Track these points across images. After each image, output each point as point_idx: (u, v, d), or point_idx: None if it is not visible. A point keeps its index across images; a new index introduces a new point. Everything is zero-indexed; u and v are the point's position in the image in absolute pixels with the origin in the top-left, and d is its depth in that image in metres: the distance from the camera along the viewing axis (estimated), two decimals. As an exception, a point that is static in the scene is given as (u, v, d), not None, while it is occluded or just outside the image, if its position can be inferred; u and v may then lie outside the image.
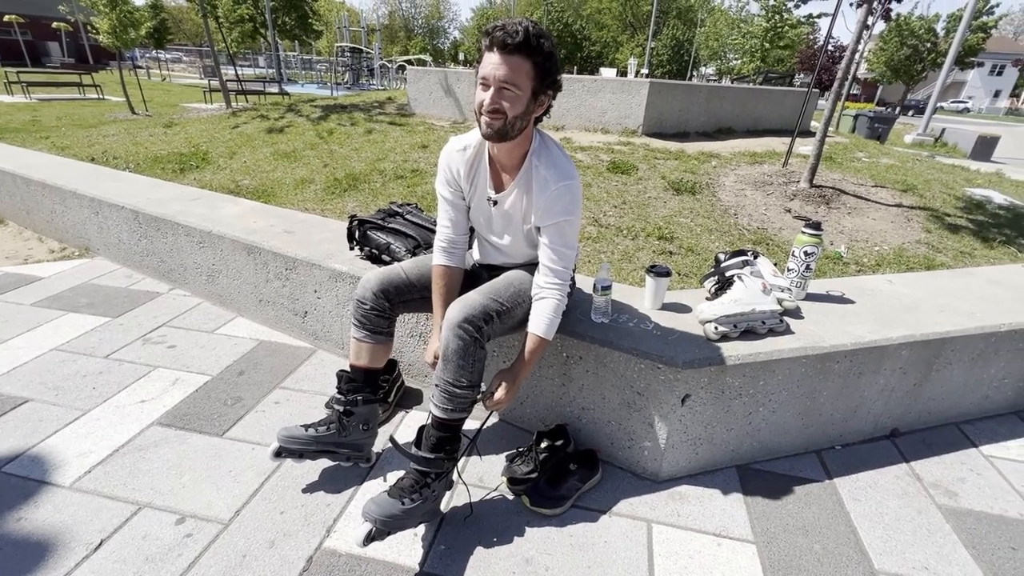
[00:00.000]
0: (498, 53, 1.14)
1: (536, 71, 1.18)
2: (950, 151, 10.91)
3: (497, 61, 1.15)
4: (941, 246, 2.98)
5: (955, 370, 1.77)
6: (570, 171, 1.30)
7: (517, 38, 1.12)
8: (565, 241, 1.32)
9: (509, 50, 1.13)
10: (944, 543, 1.41)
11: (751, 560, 1.33)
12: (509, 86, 1.16)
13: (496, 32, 1.14)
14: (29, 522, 1.36)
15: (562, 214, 1.29)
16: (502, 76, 1.15)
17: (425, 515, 1.30)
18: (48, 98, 12.26)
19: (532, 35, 1.13)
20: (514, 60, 1.15)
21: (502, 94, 1.17)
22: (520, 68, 1.16)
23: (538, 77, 1.19)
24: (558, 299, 1.34)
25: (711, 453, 1.59)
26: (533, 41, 1.14)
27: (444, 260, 1.45)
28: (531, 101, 1.21)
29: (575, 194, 1.29)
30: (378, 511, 1.21)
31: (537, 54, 1.16)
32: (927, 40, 20.20)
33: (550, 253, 1.33)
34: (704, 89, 5.34)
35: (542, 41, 1.16)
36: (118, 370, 2.04)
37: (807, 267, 1.75)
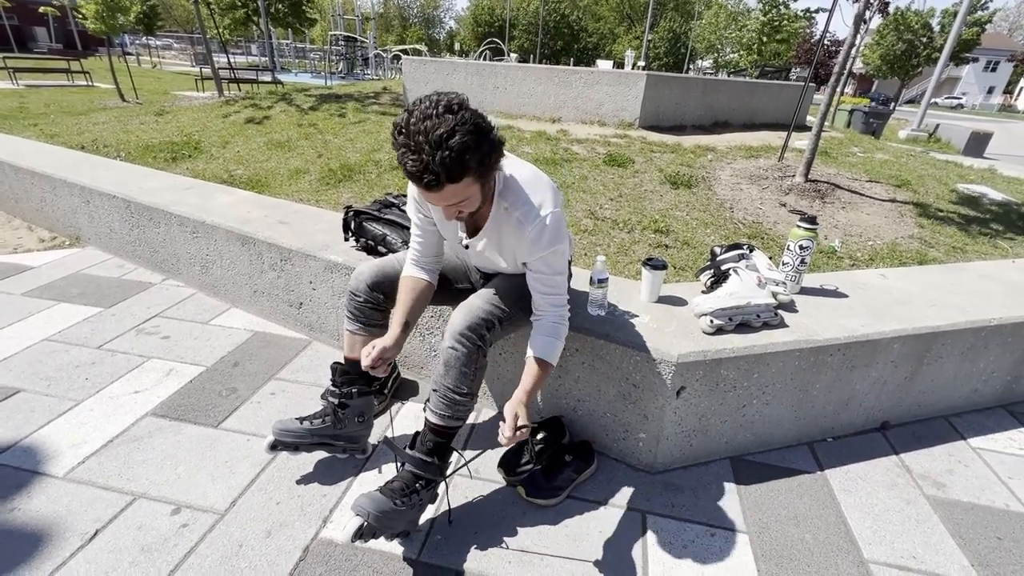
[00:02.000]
0: (427, 191, 1.03)
1: (475, 177, 1.05)
2: (944, 147, 10.98)
3: (433, 197, 1.05)
4: (934, 241, 3.01)
5: (946, 364, 1.80)
6: (542, 203, 1.19)
7: (441, 183, 0.99)
8: (554, 270, 1.26)
9: (441, 188, 1.01)
10: (932, 533, 1.44)
11: (743, 550, 1.35)
12: (457, 203, 1.08)
13: (417, 178, 0.99)
14: (23, 512, 1.36)
15: (545, 248, 1.21)
16: (448, 202, 1.07)
17: (410, 523, 1.27)
18: (36, 84, 12.02)
19: (456, 168, 0.98)
20: (447, 190, 1.02)
21: (454, 209, 1.10)
22: (457, 191, 1.04)
23: (480, 176, 1.06)
24: (558, 318, 1.29)
25: (705, 444, 1.60)
26: (459, 172, 0.99)
27: (414, 272, 1.39)
28: (485, 188, 1.12)
29: (554, 225, 1.19)
30: (372, 506, 1.18)
31: (470, 173, 1.02)
32: (923, 35, 20.21)
33: (541, 285, 1.27)
34: (701, 82, 5.33)
35: (468, 160, 0.99)
36: (111, 361, 2.02)
37: (802, 261, 1.76)
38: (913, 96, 34.10)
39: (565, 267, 1.29)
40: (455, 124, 0.97)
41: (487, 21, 40.20)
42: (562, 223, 1.22)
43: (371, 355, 1.27)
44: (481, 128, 1.01)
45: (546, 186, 1.24)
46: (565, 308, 1.31)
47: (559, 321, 1.29)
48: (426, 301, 1.41)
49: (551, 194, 1.23)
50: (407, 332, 1.36)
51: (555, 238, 1.21)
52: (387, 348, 1.29)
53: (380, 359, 1.28)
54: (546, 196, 1.21)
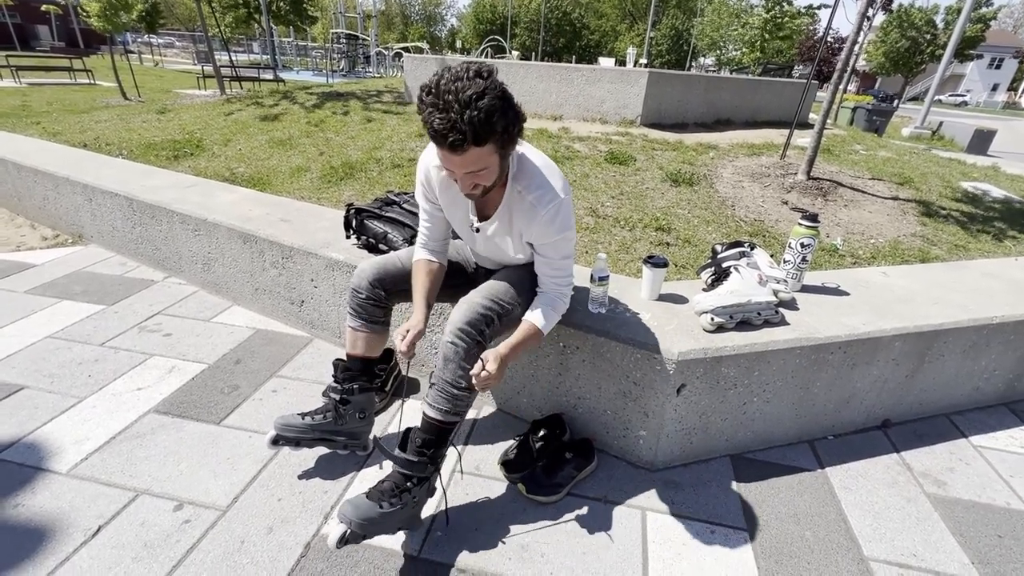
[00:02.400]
0: (450, 152, 1.03)
1: (497, 146, 1.06)
2: (947, 144, 10.92)
3: (456, 159, 1.04)
4: (936, 239, 3.00)
5: (947, 362, 1.79)
6: (555, 187, 1.21)
7: (466, 142, 0.99)
8: (562, 255, 1.30)
9: (464, 150, 1.01)
10: (932, 531, 1.44)
11: (743, 547, 1.35)
12: (477, 171, 1.08)
13: (443, 136, 0.99)
14: (27, 508, 1.37)
15: (556, 233, 1.24)
16: (466, 169, 1.07)
17: (403, 521, 1.26)
18: (38, 82, 12.04)
19: (482, 129, 0.98)
20: (471, 153, 1.02)
21: (471, 176, 1.10)
22: (480, 155, 1.04)
23: (502, 147, 1.07)
24: (559, 295, 1.34)
25: (705, 442, 1.60)
26: (485, 134, 1.00)
27: (425, 256, 1.43)
28: (501, 163, 1.12)
29: (565, 211, 1.22)
30: (354, 513, 1.16)
31: (494, 138, 1.02)
32: (927, 32, 20.13)
33: (548, 268, 1.32)
34: (703, 80, 5.31)
35: (494, 123, 1.00)
36: (114, 358, 2.03)
37: (803, 259, 1.76)
38: (917, 93, 33.96)
39: (572, 252, 1.33)
40: (485, 87, 0.98)
41: (489, 19, 40.10)
42: (571, 210, 1.26)
43: (407, 339, 1.31)
44: (508, 96, 1.04)
45: (557, 174, 1.26)
46: (568, 287, 1.35)
47: (559, 297, 1.34)
48: (439, 282, 1.45)
49: (561, 182, 1.25)
50: (429, 311, 1.41)
51: (566, 223, 1.25)
52: (421, 331, 1.33)
53: (414, 342, 1.32)
54: (558, 182, 1.24)
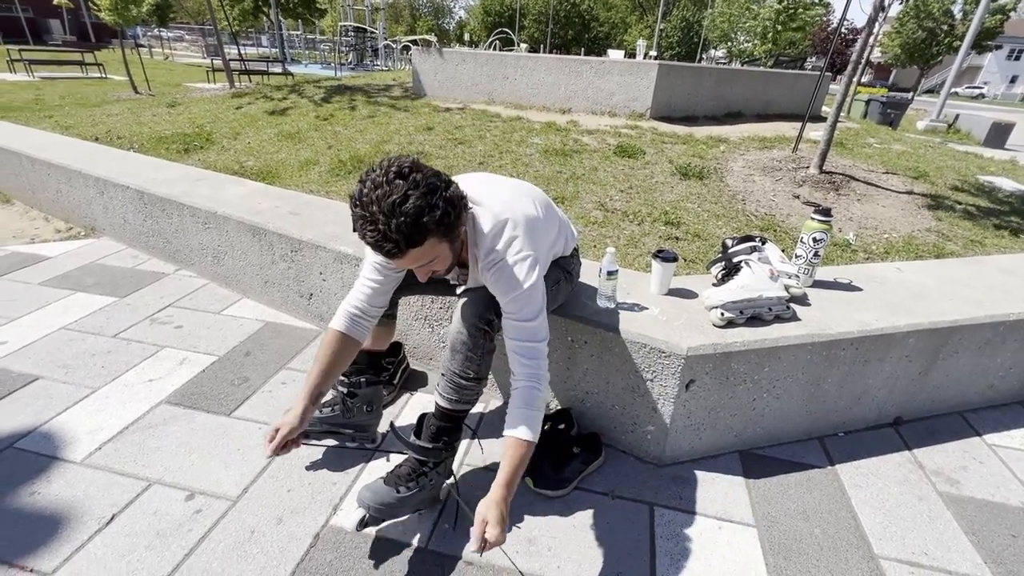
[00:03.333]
0: (392, 259, 1.02)
1: (438, 237, 1.01)
2: (963, 138, 10.72)
3: (400, 263, 1.04)
4: (951, 234, 2.95)
5: (961, 359, 1.77)
6: (506, 248, 1.13)
7: (401, 249, 0.97)
8: (521, 315, 1.16)
9: (403, 254, 0.99)
10: (945, 530, 1.42)
11: (752, 543, 1.34)
12: (427, 264, 1.07)
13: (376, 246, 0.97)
14: (42, 496, 1.39)
15: (504, 295, 1.16)
16: (416, 264, 1.06)
17: (421, 503, 1.30)
18: (51, 76, 12.17)
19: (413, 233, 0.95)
20: (411, 255, 1.00)
21: (426, 271, 1.08)
22: (423, 252, 1.01)
23: (446, 236, 1.03)
24: (534, 382, 1.16)
25: (714, 438, 1.59)
26: (418, 236, 0.97)
27: (345, 327, 1.30)
28: (454, 244, 1.09)
29: (511, 273, 1.13)
30: (372, 498, 1.21)
31: (430, 234, 0.98)
32: (944, 22, 19.69)
33: (512, 330, 1.18)
34: (714, 72, 5.24)
35: (425, 222, 0.95)
36: (126, 349, 2.06)
37: (815, 254, 1.74)
38: (932, 86, 33.32)
39: (534, 314, 1.16)
40: (407, 188, 0.95)
41: (497, 11, 39.80)
42: (523, 267, 1.13)
43: (276, 439, 1.21)
44: (435, 188, 0.98)
45: (521, 223, 1.16)
46: (540, 367, 1.18)
47: (535, 385, 1.16)
48: (344, 365, 1.34)
49: (523, 231, 1.15)
50: (317, 403, 1.30)
51: (509, 284, 1.13)
52: (293, 428, 1.23)
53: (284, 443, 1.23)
54: (516, 236, 1.14)
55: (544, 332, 1.19)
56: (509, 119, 4.58)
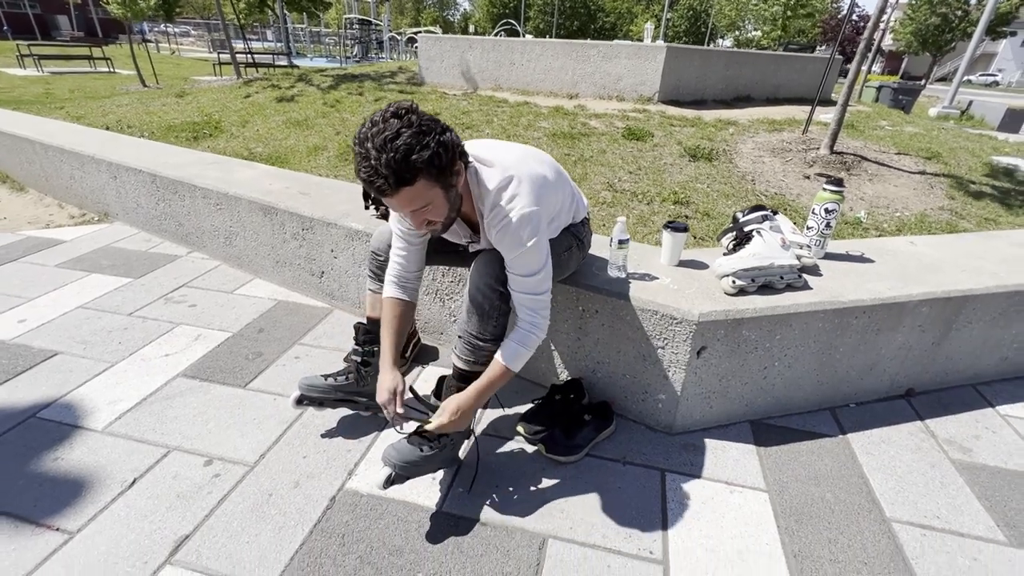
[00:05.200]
0: (386, 197, 1.03)
1: (433, 179, 1.03)
2: (977, 124, 10.54)
3: (393, 203, 1.06)
4: (965, 212, 2.91)
5: (975, 329, 1.75)
6: (510, 204, 1.15)
7: (391, 186, 0.99)
8: (525, 270, 1.20)
9: (394, 193, 1.01)
10: (957, 495, 1.42)
11: (763, 506, 1.35)
12: (420, 208, 1.07)
13: (369, 184, 1.00)
14: (65, 462, 1.42)
15: (510, 251, 1.19)
16: (408, 208, 1.06)
17: (443, 462, 1.33)
18: (60, 71, 12.28)
19: (403, 169, 0.98)
20: (403, 193, 1.02)
21: (419, 214, 1.08)
22: (415, 194, 1.03)
23: (439, 180, 1.05)
24: (532, 326, 1.23)
25: (725, 407, 1.60)
26: (408, 173, 0.98)
27: (396, 294, 1.39)
28: (449, 192, 1.09)
29: (515, 229, 1.15)
30: (397, 456, 1.23)
31: (421, 174, 1.00)
32: (958, 8, 19.33)
33: (514, 281, 1.23)
34: (723, 55, 5.19)
35: (414, 160, 0.98)
36: (142, 326, 2.09)
37: (827, 224, 1.73)
38: (945, 73, 32.73)
39: (540, 266, 1.21)
40: (400, 127, 0.98)
41: (502, 2, 39.52)
42: (524, 226, 1.15)
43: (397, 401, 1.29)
44: (428, 129, 1.01)
45: (525, 180, 1.18)
46: (540, 316, 1.24)
47: (531, 330, 1.24)
48: (409, 324, 1.44)
49: (527, 191, 1.16)
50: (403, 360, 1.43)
51: (515, 242, 1.16)
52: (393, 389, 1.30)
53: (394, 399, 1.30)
54: (519, 191, 1.16)
55: (547, 285, 1.25)
56: (516, 104, 4.57)
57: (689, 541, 1.25)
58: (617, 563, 1.19)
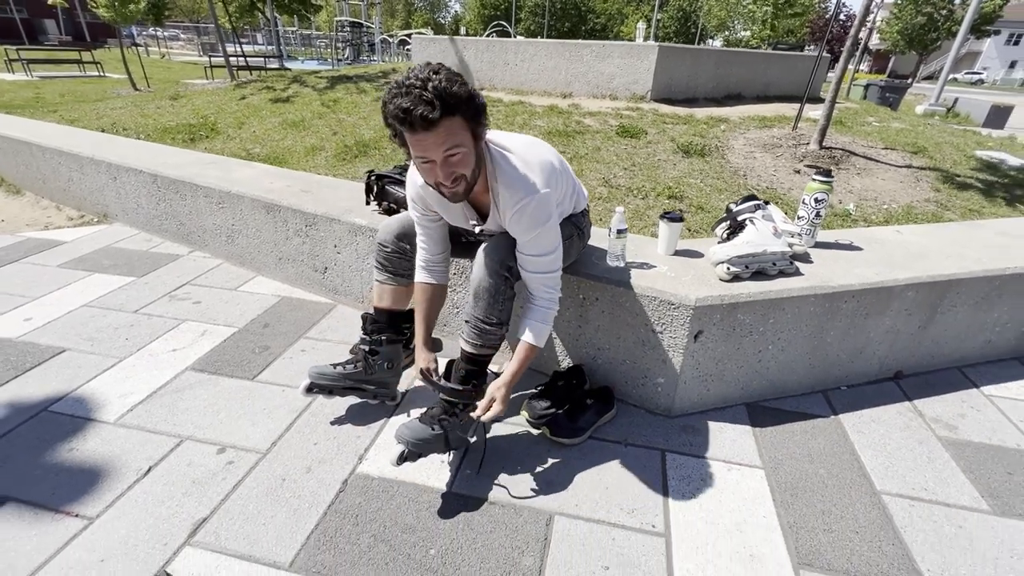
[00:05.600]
0: (424, 131, 1.06)
1: (467, 120, 1.10)
2: (962, 121, 10.73)
3: (430, 138, 1.07)
4: (950, 204, 3.00)
5: (959, 313, 1.82)
6: (525, 188, 1.21)
7: (436, 111, 1.03)
8: (540, 251, 1.28)
9: (435, 122, 1.05)
10: (943, 469, 1.48)
11: (760, 482, 1.41)
12: (453, 149, 1.10)
13: (412, 113, 1.03)
14: (80, 452, 1.45)
15: (528, 231, 1.25)
16: (444, 147, 1.08)
17: (453, 442, 1.37)
18: (49, 75, 12.18)
19: (447, 95, 1.04)
20: (443, 126, 1.06)
21: (450, 162, 1.11)
22: (452, 128, 1.08)
23: (472, 122, 1.11)
24: (548, 302, 1.33)
25: (721, 390, 1.66)
26: (451, 100, 1.05)
27: (425, 278, 1.48)
28: (475, 146, 1.15)
29: (535, 209, 1.22)
30: (410, 434, 1.29)
31: (460, 105, 1.07)
32: (942, 7, 19.64)
33: (528, 262, 1.29)
34: (713, 54, 5.27)
35: (457, 91, 1.06)
36: (148, 323, 2.12)
37: (817, 214, 1.79)
38: (931, 72, 33.22)
39: (555, 245, 1.30)
40: (439, 68, 1.08)
41: (493, 4, 39.62)
42: (544, 206, 1.22)
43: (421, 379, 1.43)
44: (461, 78, 1.10)
45: (536, 165, 1.24)
46: (556, 291, 1.34)
47: (549, 306, 1.33)
48: (441, 304, 1.54)
49: (539, 173, 1.23)
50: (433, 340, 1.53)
51: (535, 220, 1.23)
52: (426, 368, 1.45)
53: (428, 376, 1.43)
54: (532, 177, 1.22)
55: (560, 263, 1.33)
56: (511, 104, 4.62)
57: (690, 515, 1.30)
58: (621, 536, 1.24)
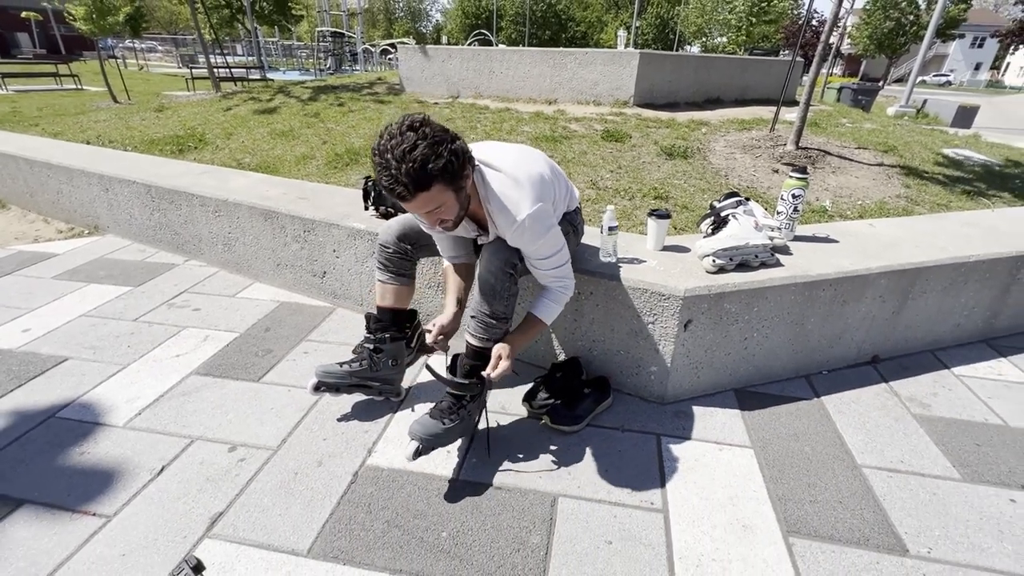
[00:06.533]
0: (404, 201, 1.14)
1: (446, 184, 1.16)
2: (932, 121, 11.15)
3: (410, 205, 1.16)
4: (919, 199, 3.15)
5: (929, 298, 1.94)
6: (517, 209, 1.27)
7: (409, 191, 1.11)
8: (545, 255, 1.37)
9: (411, 198, 1.13)
10: (918, 443, 1.59)
11: (749, 460, 1.49)
12: (435, 210, 1.19)
13: (389, 190, 1.12)
14: (92, 455, 1.48)
15: (531, 244, 1.34)
16: (424, 210, 1.18)
17: (463, 432, 1.44)
18: (25, 89, 11.98)
19: (419, 178, 1.09)
20: (420, 198, 1.14)
21: (434, 215, 1.21)
22: (430, 198, 1.15)
23: (451, 184, 1.17)
24: (561, 288, 1.44)
25: (711, 376, 1.74)
26: (424, 180, 1.10)
27: (452, 260, 1.58)
28: (460, 194, 1.21)
29: (534, 224, 1.29)
30: (422, 430, 1.36)
31: (435, 180, 1.13)
32: (909, 12, 20.37)
33: (540, 264, 1.39)
34: (692, 60, 5.44)
35: (430, 168, 1.10)
36: (148, 331, 2.14)
37: (795, 209, 1.90)
38: (901, 75, 34.33)
39: (560, 245, 1.39)
40: (416, 139, 1.10)
41: (474, 13, 39.99)
42: (542, 217, 1.30)
43: (432, 332, 1.51)
44: (441, 139, 1.13)
45: (526, 182, 1.29)
46: (568, 280, 1.45)
47: (563, 291, 1.45)
48: (472, 276, 1.59)
49: (530, 191, 1.29)
50: (461, 309, 1.57)
51: (534, 234, 1.31)
52: (444, 325, 1.52)
53: (441, 334, 1.51)
54: (523, 196, 1.28)
55: (566, 256, 1.43)
56: (497, 111, 4.72)
57: (685, 492, 1.38)
58: (622, 513, 1.31)
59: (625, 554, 1.21)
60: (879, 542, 1.25)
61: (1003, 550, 1.24)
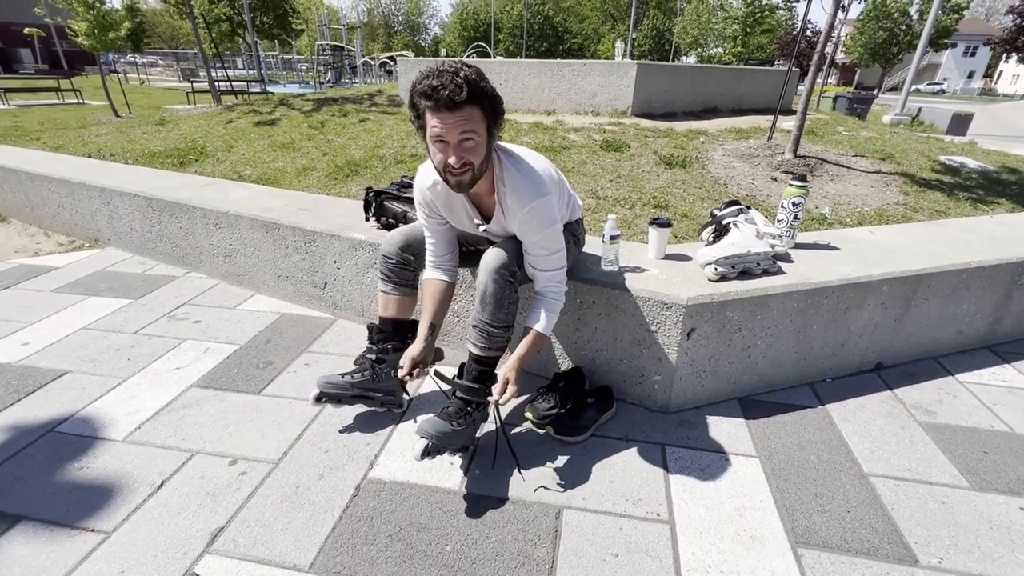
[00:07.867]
0: (447, 111, 1.14)
1: (486, 113, 1.18)
2: (927, 129, 11.23)
3: (450, 118, 1.14)
4: (918, 206, 3.16)
5: (932, 305, 1.94)
6: (534, 190, 1.30)
7: (463, 94, 1.11)
8: (550, 249, 1.38)
9: (458, 105, 1.13)
10: (925, 451, 1.58)
11: (755, 470, 1.48)
12: (468, 134, 1.17)
13: (440, 92, 1.11)
14: (91, 470, 1.47)
15: (537, 232, 1.34)
16: (460, 129, 1.16)
17: (469, 438, 1.43)
18: (27, 104, 12.06)
19: (475, 85, 1.13)
20: (465, 111, 1.14)
21: (463, 147, 1.18)
22: (472, 115, 1.16)
23: (489, 117, 1.19)
24: (555, 294, 1.43)
25: (715, 385, 1.73)
26: (478, 90, 1.14)
27: (434, 275, 1.54)
28: (488, 141, 1.22)
29: (544, 211, 1.31)
30: (432, 428, 1.34)
31: (484, 98, 1.16)
32: (902, 22, 20.62)
33: (538, 261, 1.39)
34: (689, 70, 5.49)
35: (484, 85, 1.15)
36: (148, 343, 2.13)
37: (795, 216, 1.91)
38: (896, 83, 34.69)
39: (561, 244, 1.40)
40: (471, 64, 1.19)
41: (472, 25, 40.48)
42: (552, 207, 1.33)
43: (404, 368, 1.45)
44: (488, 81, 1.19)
45: (539, 172, 1.34)
46: (563, 284, 1.45)
47: (557, 298, 1.44)
48: (449, 300, 1.57)
49: (543, 180, 1.33)
50: (435, 334, 1.53)
51: (544, 221, 1.33)
52: (415, 357, 1.46)
53: (415, 366, 1.46)
54: (538, 181, 1.32)
55: (566, 260, 1.44)
56: (497, 121, 4.75)
57: (691, 503, 1.37)
58: (628, 525, 1.30)
59: (632, 567, 1.19)
60: (889, 552, 1.24)
61: (1015, 560, 1.23)
